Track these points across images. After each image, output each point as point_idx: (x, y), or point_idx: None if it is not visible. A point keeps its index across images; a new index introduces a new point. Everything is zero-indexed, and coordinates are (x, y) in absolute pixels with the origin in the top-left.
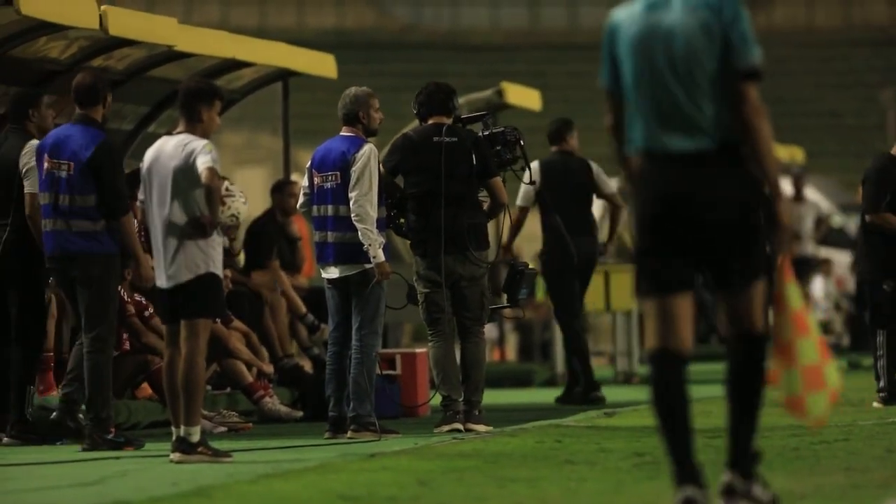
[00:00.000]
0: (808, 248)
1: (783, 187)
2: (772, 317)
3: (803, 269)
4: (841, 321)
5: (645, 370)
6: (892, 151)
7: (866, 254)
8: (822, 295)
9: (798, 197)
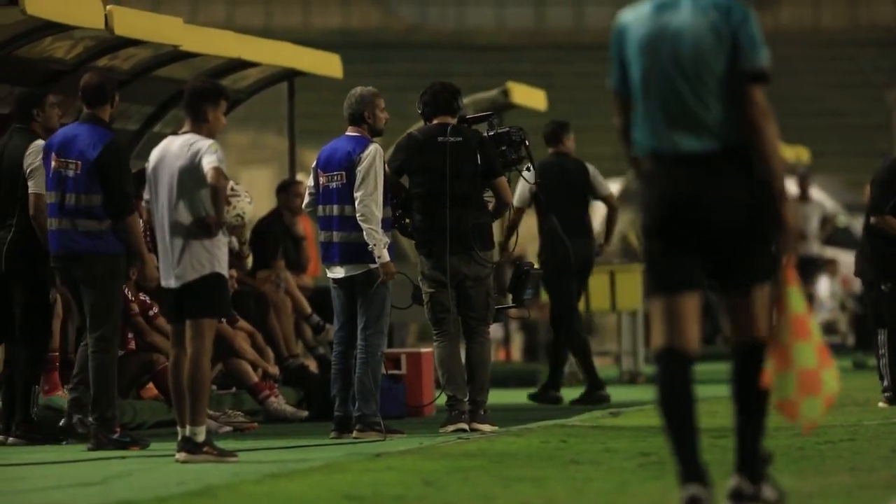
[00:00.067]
0: (814, 248)
1: (788, 187)
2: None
3: (808, 269)
4: (846, 321)
5: (650, 370)
6: None
7: (867, 254)
8: (828, 294)
9: (803, 197)
